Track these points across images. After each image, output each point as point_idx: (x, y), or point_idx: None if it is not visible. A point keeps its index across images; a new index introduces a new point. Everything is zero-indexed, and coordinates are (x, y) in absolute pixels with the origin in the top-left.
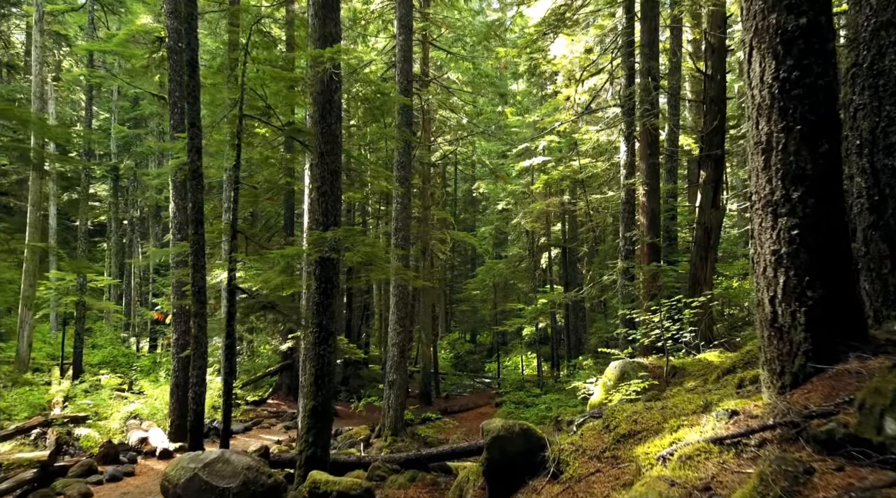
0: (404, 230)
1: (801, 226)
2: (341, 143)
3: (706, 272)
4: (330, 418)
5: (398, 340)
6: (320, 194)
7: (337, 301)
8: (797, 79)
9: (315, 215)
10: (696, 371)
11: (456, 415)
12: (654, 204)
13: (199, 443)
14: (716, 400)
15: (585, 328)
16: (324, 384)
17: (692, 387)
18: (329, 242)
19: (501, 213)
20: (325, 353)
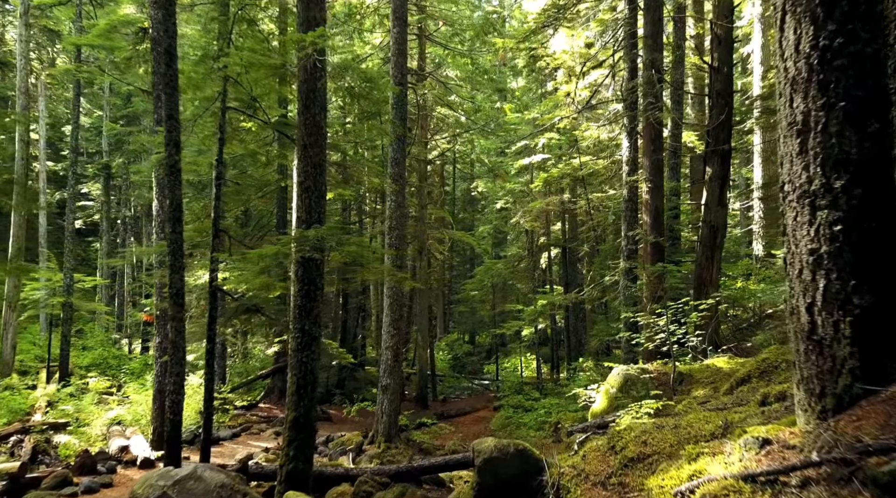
0: (399, 229)
1: (845, 220)
2: (326, 135)
3: (712, 273)
4: (313, 430)
5: (392, 343)
6: (303, 190)
7: (321, 304)
8: (840, 47)
9: (298, 213)
10: (704, 378)
11: (453, 419)
12: (658, 202)
13: (177, 455)
14: (738, 420)
15: (586, 329)
16: (306, 393)
17: (702, 397)
18: (311, 242)
19: (500, 212)
20: (308, 360)
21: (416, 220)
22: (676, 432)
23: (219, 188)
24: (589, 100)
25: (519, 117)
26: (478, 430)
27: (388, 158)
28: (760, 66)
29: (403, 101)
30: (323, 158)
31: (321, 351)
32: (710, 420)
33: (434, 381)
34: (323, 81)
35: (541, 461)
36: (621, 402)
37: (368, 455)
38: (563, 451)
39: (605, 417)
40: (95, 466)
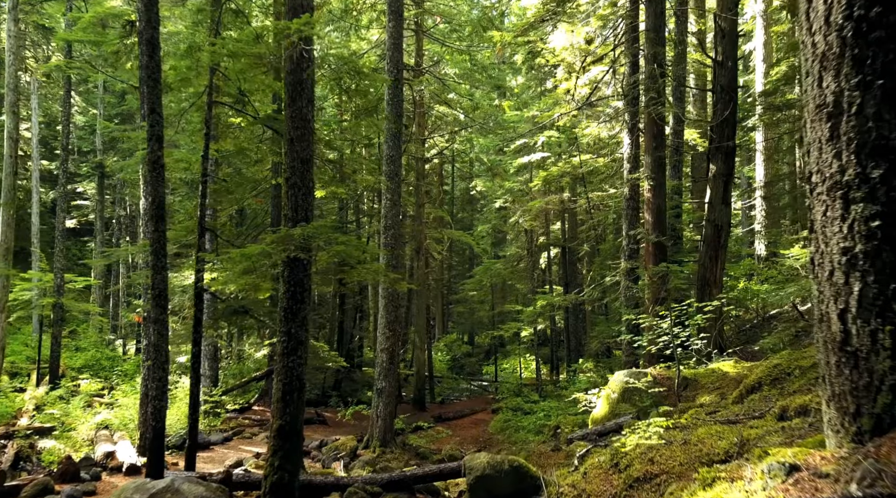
0: (394, 228)
1: (884, 214)
2: (313, 130)
3: (716, 273)
4: (299, 438)
5: (388, 345)
6: (290, 186)
7: (308, 307)
8: (878, 16)
9: (285, 210)
10: (710, 384)
11: (450, 422)
12: (660, 200)
13: (159, 464)
14: (755, 437)
15: (586, 330)
16: (292, 400)
17: (709, 404)
18: (297, 241)
19: (499, 211)
20: (294, 365)
21: (413, 219)
22: (686, 450)
23: (204, 185)
24: (589, 96)
25: (518, 115)
26: (476, 433)
27: (384, 156)
28: (763, 63)
29: (399, 97)
30: (310, 153)
31: (309, 355)
32: (724, 436)
33: (432, 382)
34: (310, 72)
35: (538, 479)
36: (623, 408)
37: (363, 460)
38: (563, 461)
39: (605, 423)
40: (78, 473)
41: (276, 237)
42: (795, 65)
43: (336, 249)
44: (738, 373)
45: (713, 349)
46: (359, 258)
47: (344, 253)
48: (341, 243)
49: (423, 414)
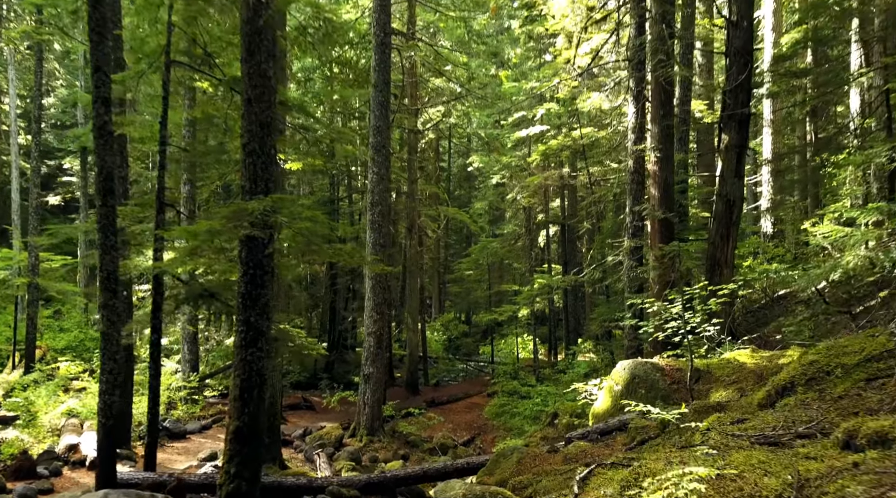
0: (382, 204)
1: None
2: (275, 88)
3: (727, 252)
4: (260, 442)
5: (375, 329)
6: (247, 153)
7: (271, 292)
8: None
9: (242, 181)
10: (725, 376)
11: (444, 406)
12: (668, 173)
13: (109, 468)
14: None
15: (585, 310)
16: (251, 399)
17: (726, 401)
18: (252, 216)
19: (496, 188)
20: (254, 359)
21: (406, 195)
22: (721, 489)
23: (163, 156)
24: (591, 62)
25: (516, 87)
26: (470, 418)
27: (370, 126)
28: (772, 32)
29: (386, 63)
30: (270, 116)
31: (283, 343)
32: (770, 468)
33: (426, 364)
34: (268, 19)
35: None
36: (627, 403)
37: (348, 451)
38: (560, 468)
39: (608, 420)
40: (35, 469)
41: (228, 212)
42: (808, 31)
43: (300, 227)
44: (757, 364)
45: (727, 336)
46: (328, 237)
47: (309, 231)
48: (307, 219)
49: (415, 398)
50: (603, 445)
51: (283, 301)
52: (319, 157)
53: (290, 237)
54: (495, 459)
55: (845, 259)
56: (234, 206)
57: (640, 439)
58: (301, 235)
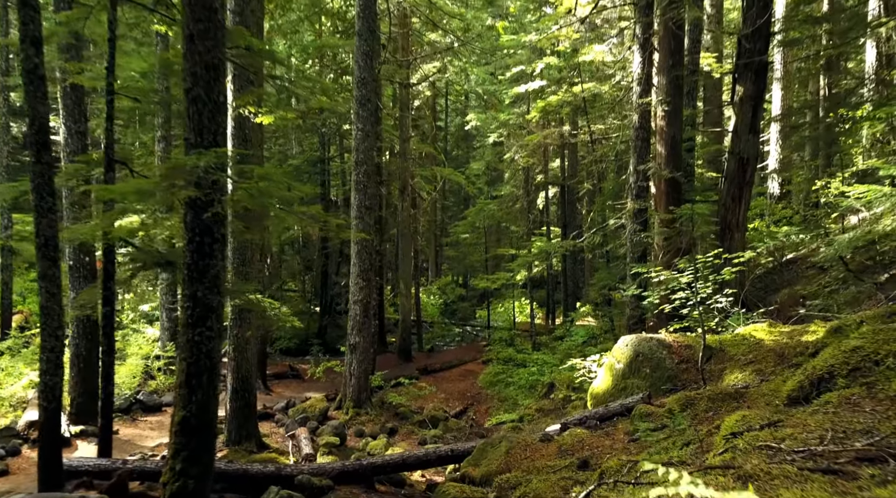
0: (367, 164)
1: None
2: (223, 24)
3: (739, 215)
4: (211, 434)
5: (361, 297)
6: (190, 100)
7: (222, 262)
8: None
9: (186, 134)
10: (740, 355)
11: (437, 374)
12: (676, 129)
13: (53, 456)
14: None
15: (584, 273)
16: (200, 385)
17: (743, 384)
18: (193, 174)
19: (494, 147)
20: (203, 339)
21: (398, 155)
22: None
23: (110, 106)
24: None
25: (514, 40)
26: (464, 387)
27: (354, 78)
28: None
29: (371, 10)
30: (218, 56)
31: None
32: None
33: (420, 330)
34: None
35: None
36: (631, 384)
37: (332, 425)
38: (554, 463)
39: (609, 404)
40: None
41: (164, 169)
42: None
43: (255, 187)
44: (777, 341)
45: (740, 309)
46: (288, 198)
47: (265, 192)
48: (259, 178)
49: (408, 365)
50: (602, 434)
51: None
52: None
53: (247, 199)
54: (482, 447)
55: (884, 223)
56: (170, 162)
57: (644, 429)
58: (252, 197)
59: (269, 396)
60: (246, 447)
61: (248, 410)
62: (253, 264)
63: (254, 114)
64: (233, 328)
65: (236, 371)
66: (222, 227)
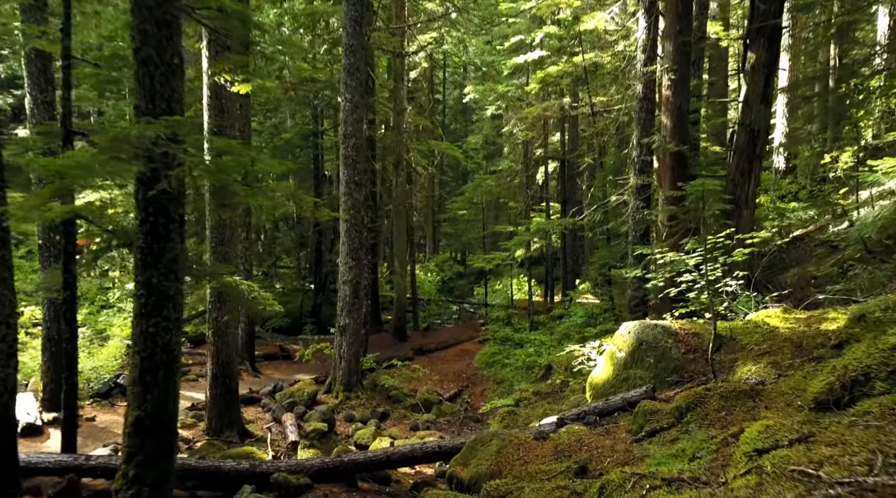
0: (356, 137)
1: None
2: None
3: (748, 190)
4: (170, 436)
5: (351, 277)
6: (140, 62)
7: (180, 245)
8: None
9: (136, 100)
10: (753, 344)
11: (432, 354)
12: (682, 99)
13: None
14: None
15: (584, 250)
16: (156, 382)
17: (758, 379)
18: (142, 146)
19: (493, 120)
20: (159, 331)
21: (392, 128)
22: None
23: (66, 72)
24: None
25: (513, 7)
26: (459, 368)
27: (343, 45)
28: None
29: None
30: (171, 12)
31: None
32: None
33: (416, 308)
34: None
35: None
36: (633, 375)
37: (320, 410)
38: (548, 468)
39: (609, 398)
40: None
41: (105, 141)
42: None
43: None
44: (793, 329)
45: (752, 292)
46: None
47: (224, 167)
48: (221, 151)
49: (402, 345)
50: (602, 432)
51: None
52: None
53: (208, 175)
54: (472, 445)
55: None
56: (112, 132)
57: (649, 429)
58: (211, 174)
59: (257, 379)
60: (227, 436)
61: (229, 397)
62: (232, 244)
63: (230, 82)
64: (212, 311)
65: (216, 356)
66: (180, 206)
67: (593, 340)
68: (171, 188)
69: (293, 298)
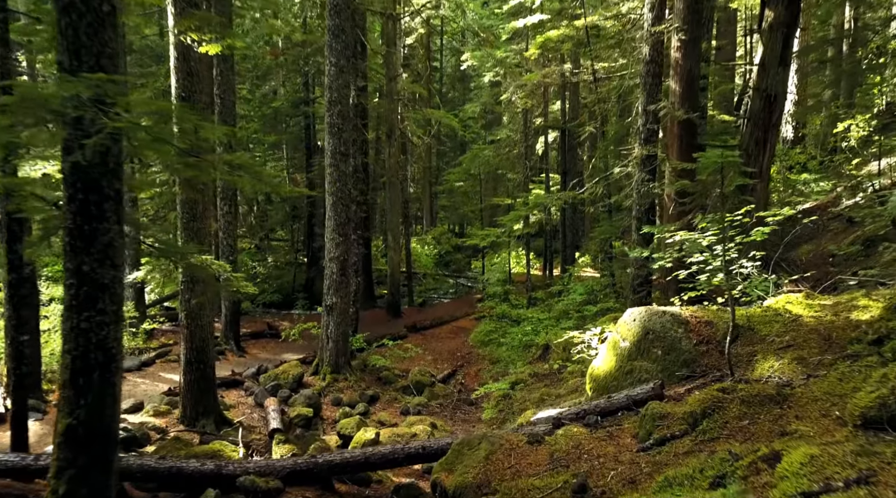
0: (342, 103)
1: None
2: None
3: (763, 161)
4: (109, 446)
5: (338, 253)
6: (61, 9)
7: (117, 227)
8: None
9: (58, 55)
10: (774, 335)
11: (427, 332)
12: (694, 61)
13: None
14: None
15: (584, 222)
16: (91, 385)
17: (784, 380)
18: (62, 108)
19: (491, 88)
20: (93, 326)
21: (384, 96)
22: None
23: (3, 26)
24: None
25: None
26: (454, 346)
27: (328, 6)
28: None
29: None
30: None
31: (118, 306)
32: None
33: (410, 283)
34: None
35: None
36: (639, 367)
37: (305, 394)
38: (543, 483)
39: (612, 395)
40: None
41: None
42: None
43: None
44: (819, 318)
45: (770, 275)
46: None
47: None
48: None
49: (396, 321)
50: (605, 436)
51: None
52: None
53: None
54: (458, 449)
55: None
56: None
57: (658, 437)
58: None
59: (242, 358)
60: (203, 425)
61: (204, 383)
62: (205, 220)
63: (197, 42)
64: (184, 292)
65: (189, 340)
66: (116, 181)
67: (592, 319)
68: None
69: (286, 271)
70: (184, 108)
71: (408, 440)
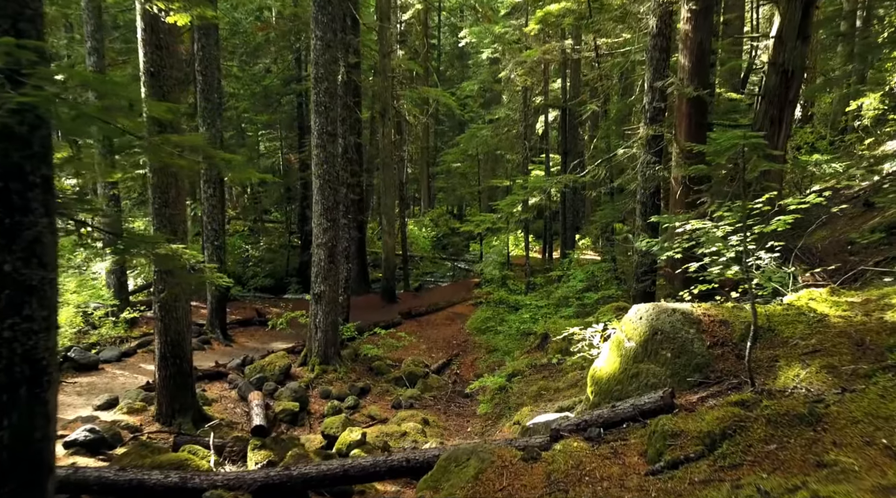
0: (328, 80)
1: None
2: None
3: (778, 142)
4: (40, 472)
5: (326, 239)
6: None
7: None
8: None
9: None
10: (798, 337)
11: (422, 318)
12: (705, 34)
13: None
14: None
15: (585, 204)
16: (16, 402)
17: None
18: None
19: (490, 66)
20: (17, 335)
21: (377, 73)
22: None
23: None
24: None
25: None
26: (449, 334)
27: None
28: None
29: None
30: None
31: (50, 311)
32: None
33: (406, 267)
34: None
35: None
36: (645, 370)
37: (291, 388)
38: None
39: (615, 404)
40: None
41: None
42: None
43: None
44: (847, 318)
45: (790, 266)
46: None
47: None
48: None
49: (391, 307)
50: (609, 453)
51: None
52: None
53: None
54: (445, 465)
55: None
56: None
57: (670, 459)
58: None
59: (229, 348)
60: (179, 423)
61: (181, 379)
62: (179, 205)
63: (164, 11)
64: (157, 283)
65: (164, 334)
66: (44, 166)
67: (593, 307)
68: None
69: (279, 255)
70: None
71: (391, 452)
